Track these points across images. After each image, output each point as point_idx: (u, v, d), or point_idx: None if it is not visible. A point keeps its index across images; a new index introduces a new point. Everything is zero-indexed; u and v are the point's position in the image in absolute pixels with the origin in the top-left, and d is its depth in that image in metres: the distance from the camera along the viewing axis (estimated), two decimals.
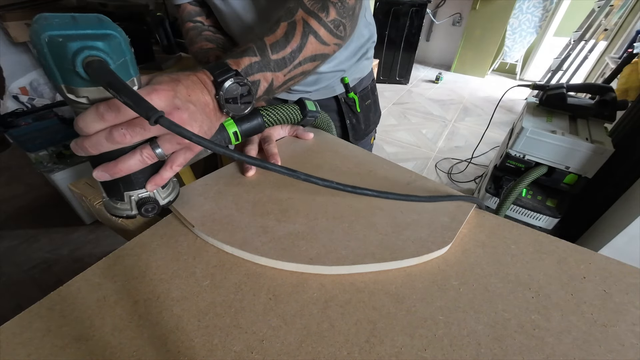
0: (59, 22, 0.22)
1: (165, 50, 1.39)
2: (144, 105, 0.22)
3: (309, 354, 0.25)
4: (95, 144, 0.26)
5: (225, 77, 0.32)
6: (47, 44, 0.22)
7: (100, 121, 0.25)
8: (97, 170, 0.28)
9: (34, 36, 0.21)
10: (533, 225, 1.23)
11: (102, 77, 0.22)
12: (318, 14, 0.38)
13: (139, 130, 0.27)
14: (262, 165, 0.27)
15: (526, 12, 3.10)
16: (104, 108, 0.25)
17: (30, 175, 1.77)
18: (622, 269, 0.33)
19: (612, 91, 1.13)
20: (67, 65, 0.22)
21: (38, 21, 0.22)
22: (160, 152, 0.29)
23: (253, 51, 0.35)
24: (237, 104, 0.34)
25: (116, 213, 0.33)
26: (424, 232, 0.36)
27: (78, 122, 0.25)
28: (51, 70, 0.23)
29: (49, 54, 0.22)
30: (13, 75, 1.79)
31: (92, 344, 0.26)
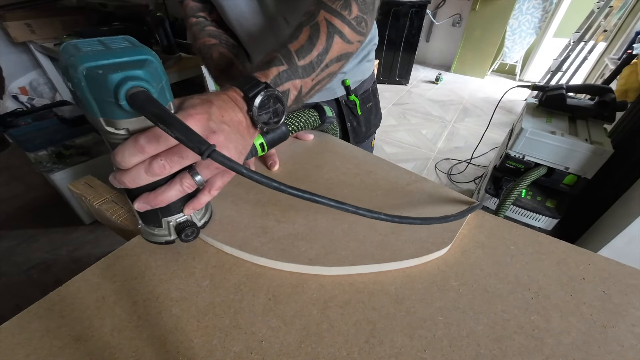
0: (93, 51, 0.21)
1: (165, 50, 1.39)
2: (195, 139, 0.21)
3: (309, 355, 0.25)
4: (134, 178, 0.25)
5: (256, 91, 0.30)
6: (85, 77, 0.20)
7: (140, 154, 0.24)
8: (138, 202, 0.28)
9: (70, 69, 0.20)
10: (532, 226, 1.23)
11: (149, 109, 0.21)
12: (341, 12, 0.37)
13: (177, 160, 0.26)
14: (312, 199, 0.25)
15: (526, 13, 3.10)
16: (144, 140, 0.24)
17: (29, 175, 1.77)
18: (621, 270, 0.33)
19: (611, 92, 1.13)
20: (107, 97, 0.21)
21: (69, 51, 0.21)
22: (200, 179, 0.28)
23: (279, 60, 0.34)
24: (269, 118, 0.33)
25: (154, 240, 0.32)
26: (423, 233, 0.36)
27: (116, 156, 0.24)
28: (88, 104, 0.22)
29: (86, 87, 0.21)
30: (13, 75, 1.80)
31: (91, 344, 0.26)
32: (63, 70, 0.21)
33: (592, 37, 2.18)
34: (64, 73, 0.21)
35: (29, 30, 1.59)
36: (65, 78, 0.21)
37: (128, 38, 0.23)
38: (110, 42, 0.22)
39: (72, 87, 0.21)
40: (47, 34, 1.63)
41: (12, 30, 1.56)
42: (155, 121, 0.21)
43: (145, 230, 0.32)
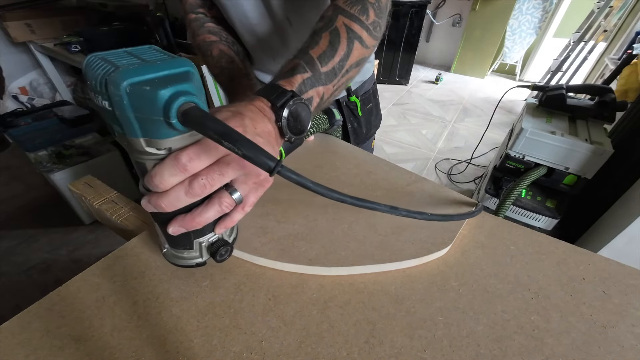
0: (131, 64, 0.19)
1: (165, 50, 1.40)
2: (263, 156, 0.19)
3: (309, 355, 0.25)
4: (173, 202, 0.23)
5: (284, 100, 0.29)
6: (128, 94, 0.18)
7: (181, 174, 0.22)
8: (173, 225, 0.26)
9: (110, 86, 0.18)
10: (532, 226, 1.23)
11: (210, 126, 0.19)
12: (359, 17, 0.37)
13: (218, 178, 0.24)
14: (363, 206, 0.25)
15: (526, 13, 3.10)
16: (186, 158, 0.22)
17: (29, 175, 1.77)
18: (621, 270, 0.33)
19: (611, 92, 1.13)
20: (154, 116, 0.19)
21: (100, 65, 0.18)
22: (238, 196, 0.26)
23: (303, 67, 0.33)
24: (297, 126, 0.31)
25: (183, 263, 0.30)
26: (423, 234, 0.36)
27: (154, 178, 0.22)
28: (128, 124, 0.19)
29: (129, 105, 0.18)
30: (13, 75, 1.80)
31: (91, 345, 0.26)
32: (94, 87, 0.19)
33: (592, 37, 2.19)
34: (96, 90, 0.19)
35: (29, 30, 1.59)
36: (98, 96, 0.19)
37: (155, 47, 0.22)
38: (141, 53, 0.20)
39: (109, 105, 0.19)
40: (47, 34, 1.63)
41: (12, 30, 1.56)
42: (217, 139, 0.19)
43: (172, 254, 0.30)
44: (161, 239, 0.30)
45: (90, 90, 0.19)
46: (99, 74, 0.18)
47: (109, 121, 0.20)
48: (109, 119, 0.20)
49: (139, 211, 0.40)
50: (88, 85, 0.19)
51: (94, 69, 0.19)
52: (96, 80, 0.18)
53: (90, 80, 0.19)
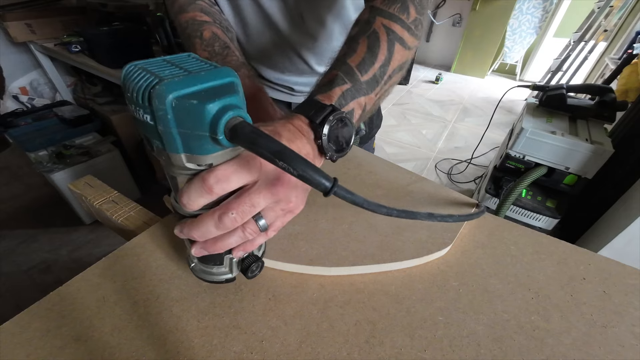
0: (174, 75, 0.17)
1: (165, 50, 1.39)
2: (320, 175, 0.18)
3: (309, 355, 0.25)
4: (204, 234, 0.23)
5: (323, 117, 0.27)
6: (173, 108, 0.17)
7: (208, 195, 0.21)
8: (195, 247, 0.25)
9: (155, 99, 0.17)
10: (533, 226, 1.23)
11: (262, 144, 0.18)
12: (400, 17, 0.34)
13: (249, 210, 0.23)
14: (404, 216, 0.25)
15: (526, 12, 3.10)
16: (214, 180, 0.21)
17: (29, 175, 1.77)
18: (621, 270, 0.33)
19: (611, 92, 1.13)
20: (200, 131, 0.18)
21: (143, 76, 0.17)
22: (264, 224, 0.24)
23: (341, 79, 0.31)
24: (338, 143, 0.29)
25: (212, 279, 0.29)
26: (423, 234, 0.36)
27: (182, 197, 0.22)
28: (171, 139, 0.18)
29: (173, 120, 0.17)
30: (13, 75, 1.80)
31: (91, 344, 0.26)
32: (135, 99, 0.17)
33: (593, 37, 2.18)
34: (137, 103, 0.17)
35: (29, 30, 1.59)
36: (138, 109, 0.18)
37: (193, 55, 0.20)
38: (181, 62, 0.19)
39: (151, 119, 0.17)
40: (47, 34, 1.63)
41: (12, 30, 1.56)
42: (271, 158, 0.18)
43: (201, 270, 0.29)
44: (190, 255, 0.29)
45: (130, 102, 0.18)
46: (141, 85, 0.17)
47: (148, 135, 0.19)
48: (149, 133, 0.19)
49: (139, 211, 0.40)
50: (127, 98, 0.18)
51: (135, 80, 0.17)
52: (137, 92, 0.17)
53: (130, 92, 0.18)
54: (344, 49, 0.34)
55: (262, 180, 0.23)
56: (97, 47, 1.29)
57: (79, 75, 1.85)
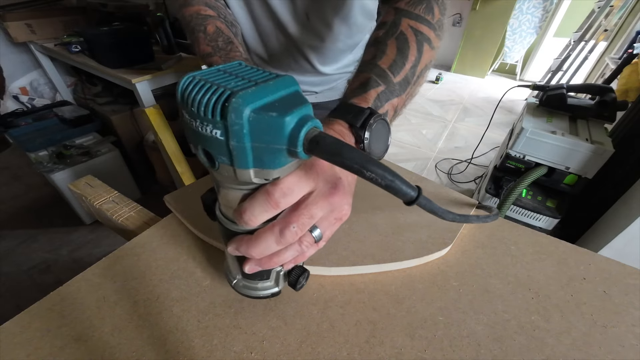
0: (242, 86, 0.16)
1: (165, 50, 1.39)
2: (406, 185, 0.18)
3: (309, 355, 0.25)
4: (264, 251, 0.22)
5: (363, 119, 0.27)
6: (250, 122, 0.16)
7: (273, 210, 0.20)
8: (249, 264, 0.24)
9: (232, 114, 0.15)
10: (533, 226, 1.23)
11: (348, 155, 0.17)
12: (426, 18, 0.34)
13: (308, 222, 0.21)
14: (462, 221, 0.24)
15: (526, 12, 3.10)
16: (279, 194, 0.20)
17: (30, 175, 1.77)
18: (622, 270, 0.33)
19: (612, 92, 1.13)
20: (277, 144, 0.17)
21: (207, 89, 0.16)
22: (319, 234, 0.23)
23: (375, 81, 0.31)
24: (378, 146, 0.29)
25: (257, 294, 0.27)
26: (424, 234, 0.35)
27: (243, 215, 0.20)
28: (242, 154, 0.17)
29: (249, 134, 0.16)
30: (13, 75, 1.80)
31: (91, 344, 0.26)
32: (200, 114, 0.16)
33: (593, 37, 2.18)
34: (203, 118, 0.16)
35: (29, 31, 1.59)
36: (205, 125, 0.16)
37: (243, 63, 0.19)
38: (238, 71, 0.18)
39: (222, 134, 0.16)
40: (47, 34, 1.63)
41: (12, 31, 1.56)
42: (357, 169, 0.17)
43: (244, 286, 0.27)
44: (231, 270, 0.28)
45: (193, 117, 0.16)
46: (210, 99, 0.16)
47: (213, 151, 0.17)
48: (215, 148, 0.17)
49: (139, 211, 0.40)
50: (188, 112, 0.17)
51: (201, 93, 0.16)
52: (206, 106, 0.16)
53: (194, 106, 0.16)
54: (371, 51, 0.34)
55: (319, 190, 0.22)
56: (97, 47, 1.29)
57: (79, 76, 1.85)
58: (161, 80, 1.30)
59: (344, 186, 0.23)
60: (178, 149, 1.36)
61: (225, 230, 0.23)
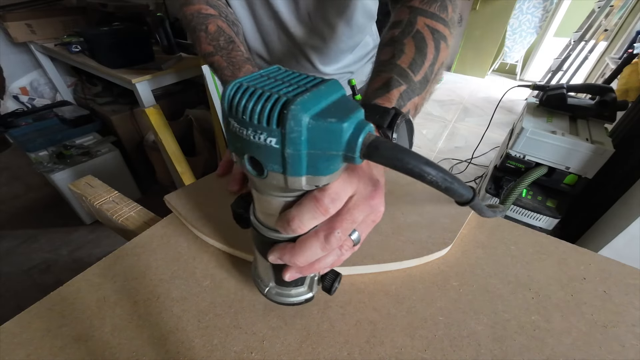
0: (294, 92, 0.16)
1: (165, 50, 1.39)
2: (463, 186, 0.18)
3: (309, 355, 0.25)
4: (309, 259, 0.21)
5: (389, 120, 0.26)
6: (308, 129, 0.15)
7: (322, 217, 0.20)
8: (290, 272, 0.23)
9: (292, 121, 0.15)
10: (533, 226, 1.23)
11: (409, 160, 0.16)
12: (441, 16, 0.34)
13: (350, 226, 0.21)
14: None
15: (526, 12, 3.09)
16: (329, 200, 0.19)
17: (30, 175, 1.77)
18: (622, 270, 0.33)
19: (612, 92, 1.13)
20: (333, 150, 0.17)
21: (260, 96, 0.15)
22: (357, 237, 0.23)
23: (397, 81, 0.31)
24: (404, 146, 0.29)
25: (290, 301, 0.27)
26: (424, 234, 0.35)
27: (292, 223, 0.20)
28: (297, 161, 0.16)
29: (306, 142, 0.16)
30: (13, 75, 1.80)
31: (91, 344, 0.26)
32: (253, 122, 0.15)
33: (593, 37, 2.18)
34: (257, 127, 0.15)
35: (29, 31, 1.59)
36: (259, 133, 0.15)
37: (281, 67, 0.19)
38: (281, 76, 0.18)
39: (277, 142, 0.15)
40: (47, 34, 1.63)
41: (12, 31, 1.56)
42: (419, 173, 0.17)
43: (277, 293, 0.27)
44: (263, 278, 0.27)
45: (244, 126, 0.16)
46: (265, 106, 0.15)
47: (264, 159, 0.17)
48: (266, 157, 0.16)
49: (139, 211, 0.40)
50: (237, 121, 0.16)
51: (252, 101, 0.15)
52: (260, 114, 0.15)
53: (244, 114, 0.15)
54: (388, 50, 0.34)
55: (360, 193, 0.22)
56: (97, 47, 1.29)
57: (79, 76, 1.85)
58: (161, 80, 1.30)
59: (382, 188, 0.23)
60: (178, 149, 1.36)
61: (262, 239, 0.23)
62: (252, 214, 0.23)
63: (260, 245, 0.24)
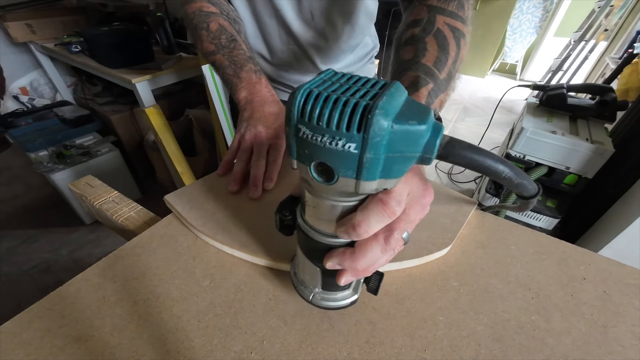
0: (370, 96, 0.16)
1: (165, 50, 1.39)
2: (529, 181, 0.18)
3: (309, 355, 0.25)
4: (369, 263, 0.21)
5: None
6: (391, 133, 0.15)
7: (388, 220, 0.20)
8: (345, 276, 0.22)
9: (376, 126, 0.14)
10: (533, 226, 1.23)
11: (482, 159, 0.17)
12: (458, 14, 0.35)
13: (406, 227, 0.21)
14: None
15: (526, 12, 3.09)
16: (395, 202, 0.19)
17: (30, 175, 1.77)
18: (622, 270, 0.33)
19: (612, 91, 1.13)
20: (411, 152, 0.17)
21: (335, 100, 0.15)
22: (406, 236, 0.22)
23: (424, 79, 0.31)
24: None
25: (338, 305, 0.27)
26: (424, 234, 0.35)
27: (358, 228, 0.19)
28: (375, 166, 0.16)
29: (386, 145, 0.16)
30: (13, 75, 1.80)
31: (91, 344, 0.26)
32: (336, 128, 0.15)
33: (593, 37, 2.18)
34: (335, 132, 0.15)
35: (30, 31, 1.59)
36: (337, 139, 0.15)
37: (333, 70, 0.19)
38: (345, 80, 0.17)
39: (357, 147, 0.15)
40: (47, 34, 1.63)
41: (12, 31, 1.56)
42: (494, 170, 0.17)
43: (323, 298, 0.27)
44: (308, 285, 0.27)
45: (319, 133, 0.15)
46: (344, 112, 0.15)
47: (337, 165, 0.16)
48: (341, 162, 0.16)
49: (139, 211, 0.40)
50: (312, 128, 0.15)
51: (327, 107, 0.15)
52: (340, 120, 0.15)
53: (320, 121, 0.15)
54: (410, 49, 0.33)
55: (413, 193, 0.21)
56: (97, 47, 1.29)
57: (79, 76, 1.85)
58: (161, 80, 1.30)
59: (431, 186, 0.23)
60: (178, 149, 1.36)
61: (315, 245, 0.22)
62: (302, 221, 0.23)
63: (311, 251, 0.23)
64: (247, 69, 0.46)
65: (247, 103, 0.45)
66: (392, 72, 0.35)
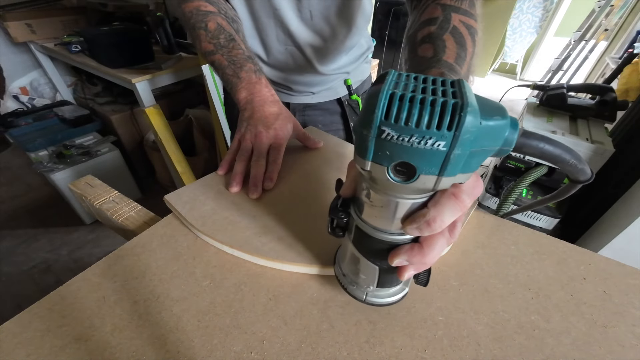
0: (447, 94, 0.16)
1: (165, 50, 1.39)
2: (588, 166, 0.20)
3: (309, 354, 0.25)
4: (436, 256, 0.21)
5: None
6: (479, 129, 0.16)
7: (459, 212, 0.20)
8: (408, 272, 0.22)
9: (468, 124, 0.15)
10: (533, 226, 1.23)
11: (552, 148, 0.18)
12: (471, 12, 0.36)
13: (463, 217, 0.21)
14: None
15: (526, 12, 3.09)
16: (465, 195, 0.19)
17: (30, 175, 1.77)
18: (622, 270, 0.33)
19: (612, 91, 1.13)
20: (492, 146, 0.17)
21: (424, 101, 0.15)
22: (459, 225, 0.23)
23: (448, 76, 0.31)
24: None
25: (391, 301, 0.27)
26: None
27: (433, 223, 0.19)
28: (458, 163, 0.16)
29: (473, 142, 0.16)
30: (13, 75, 1.80)
31: (91, 344, 0.26)
32: (427, 128, 0.15)
33: (593, 36, 2.18)
34: (425, 132, 0.15)
35: (29, 30, 1.59)
36: (428, 138, 0.15)
37: (394, 71, 0.19)
38: (409, 80, 0.18)
39: (445, 146, 0.15)
40: (47, 34, 1.63)
41: (12, 30, 1.56)
42: (563, 159, 0.18)
43: (376, 295, 0.27)
44: (361, 284, 0.27)
45: (407, 134, 0.16)
46: (433, 112, 0.15)
47: (423, 164, 0.17)
48: (428, 161, 0.16)
49: (139, 211, 0.40)
50: (398, 129, 0.16)
51: (416, 108, 0.15)
52: (428, 120, 0.15)
53: (409, 122, 0.15)
54: (428, 47, 0.34)
55: (467, 183, 0.21)
56: (97, 47, 1.29)
57: (79, 75, 1.85)
58: (161, 80, 1.30)
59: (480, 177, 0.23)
60: (178, 149, 1.36)
61: (374, 244, 0.23)
62: (360, 221, 0.23)
63: (371, 251, 0.23)
64: (246, 68, 0.46)
65: (247, 103, 0.45)
66: (411, 70, 0.35)
